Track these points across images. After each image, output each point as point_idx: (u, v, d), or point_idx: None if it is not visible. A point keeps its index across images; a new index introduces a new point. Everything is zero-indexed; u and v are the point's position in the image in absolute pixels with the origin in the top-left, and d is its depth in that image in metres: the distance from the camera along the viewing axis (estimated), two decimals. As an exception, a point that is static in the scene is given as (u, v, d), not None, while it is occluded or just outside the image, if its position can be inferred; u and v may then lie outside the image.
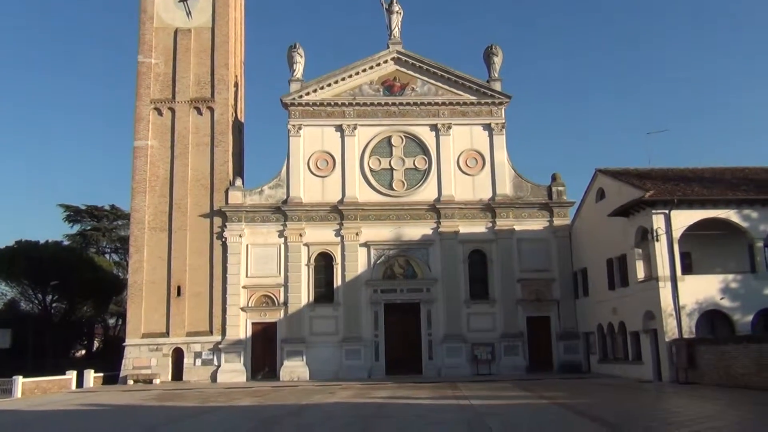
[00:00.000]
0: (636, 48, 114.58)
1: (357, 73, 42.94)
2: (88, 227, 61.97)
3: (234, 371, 38.90)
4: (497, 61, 43.55)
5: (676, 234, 30.78)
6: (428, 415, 19.66)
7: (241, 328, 39.69)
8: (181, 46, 43.34)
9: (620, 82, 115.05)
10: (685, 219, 30.97)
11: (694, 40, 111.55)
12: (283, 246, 40.82)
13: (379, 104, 42.69)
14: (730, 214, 31.20)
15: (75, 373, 37.68)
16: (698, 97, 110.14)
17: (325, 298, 40.61)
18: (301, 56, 43.32)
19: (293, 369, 38.89)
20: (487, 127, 42.76)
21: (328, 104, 42.57)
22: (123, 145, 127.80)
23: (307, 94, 42.54)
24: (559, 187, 42.19)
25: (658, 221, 30.94)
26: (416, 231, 41.14)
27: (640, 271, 32.62)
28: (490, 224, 41.39)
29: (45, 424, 21.25)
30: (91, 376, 38.64)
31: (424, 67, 43.15)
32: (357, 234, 40.89)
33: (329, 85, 42.74)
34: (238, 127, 45.34)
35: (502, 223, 41.26)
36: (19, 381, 32.91)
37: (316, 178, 41.90)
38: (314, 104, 42.55)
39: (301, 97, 42.43)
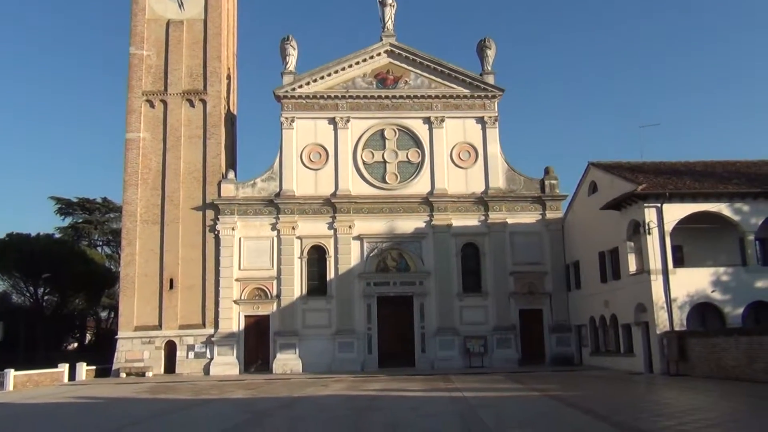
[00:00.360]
0: (630, 41, 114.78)
1: (350, 66, 42.85)
2: (80, 220, 61.74)
3: (227, 364, 38.90)
4: (490, 54, 43.53)
5: (668, 227, 30.90)
6: (421, 407, 19.71)
7: (233, 320, 39.68)
8: (174, 37, 43.11)
9: (613, 76, 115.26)
10: (676, 212, 31.09)
11: (688, 32, 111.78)
12: (275, 239, 40.78)
13: (372, 97, 42.62)
14: (722, 208, 31.35)
15: (67, 366, 37.61)
16: (692, 91, 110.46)
17: (318, 291, 40.61)
18: (294, 49, 43.18)
19: (286, 362, 38.91)
20: (480, 120, 42.78)
21: (321, 97, 42.48)
22: (115, 138, 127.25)
23: (300, 86, 42.43)
24: (552, 181, 42.28)
25: (650, 214, 31.06)
26: (409, 224, 41.17)
27: (632, 264, 32.75)
28: (483, 217, 41.46)
29: (37, 417, 21.19)
30: (83, 369, 38.59)
31: (418, 60, 43.09)
32: (350, 227, 40.87)
33: (322, 77, 42.64)
34: (230, 120, 45.18)
35: (494, 217, 41.33)
36: (11, 374, 32.81)
37: (309, 171, 41.83)
38: (307, 97, 42.44)
39: (294, 89, 42.31)
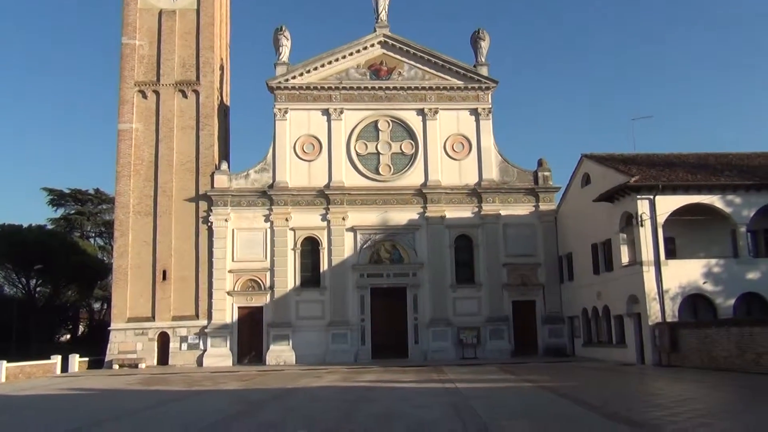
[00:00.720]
0: (624, 32, 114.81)
1: (344, 57, 42.71)
2: (72, 211, 61.45)
3: (220, 355, 38.90)
4: (484, 45, 43.48)
5: (661, 219, 31.00)
6: (414, 398, 19.77)
7: (227, 312, 39.65)
8: (166, 27, 42.86)
9: (607, 67, 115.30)
10: (669, 204, 31.18)
11: (682, 23, 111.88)
12: (269, 230, 40.73)
13: (365, 88, 42.52)
14: (714, 200, 31.47)
15: (60, 357, 37.54)
16: (684, 84, 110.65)
17: (312, 282, 40.62)
18: (288, 39, 43.00)
19: (280, 353, 38.94)
20: (474, 112, 42.75)
21: (315, 88, 42.35)
22: (107, 128, 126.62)
23: (294, 77, 42.28)
24: (545, 173, 42.34)
25: (642, 206, 31.14)
26: (403, 216, 41.18)
27: (625, 255, 32.87)
28: (477, 209, 41.50)
29: (29, 409, 21.15)
30: (76, 361, 38.52)
31: (411, 51, 42.98)
32: (343, 218, 40.85)
33: (315, 68, 42.49)
34: (223, 111, 45.00)
35: (488, 208, 41.38)
36: (3, 366, 32.67)
37: (302, 162, 41.75)
38: (300, 88, 42.30)
39: (287, 80, 42.16)
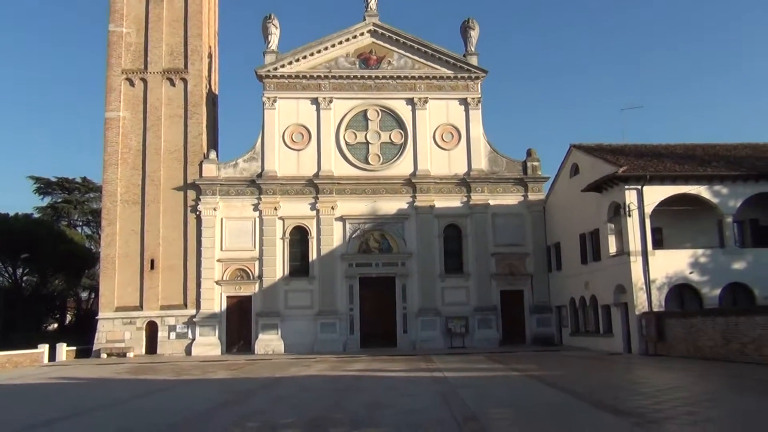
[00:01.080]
0: (614, 23, 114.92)
1: (333, 46, 42.53)
2: (59, 200, 60.97)
3: (209, 344, 38.87)
4: (474, 35, 43.41)
5: (648, 209, 31.18)
6: (402, 387, 19.83)
7: (215, 301, 39.59)
8: (154, 15, 42.48)
9: (596, 58, 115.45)
10: (657, 194, 31.36)
11: (671, 15, 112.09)
12: (258, 219, 40.63)
13: (355, 77, 42.38)
14: (701, 190, 31.67)
15: (47, 346, 37.36)
16: (673, 74, 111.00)
17: (301, 271, 40.60)
18: (277, 28, 42.74)
19: (268, 342, 38.95)
20: (464, 101, 42.73)
21: (304, 77, 42.16)
22: (94, 117, 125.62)
23: (282, 66, 42.06)
24: (534, 163, 42.43)
25: (630, 196, 31.30)
26: (392, 205, 41.16)
27: (612, 245, 33.06)
28: (465, 199, 41.56)
29: (16, 397, 21.08)
30: (63, 350, 38.38)
31: (401, 40, 42.84)
32: (332, 208, 40.80)
33: (305, 57, 42.29)
34: (212, 99, 44.74)
35: (477, 198, 41.45)
36: (-10, 355, 32.57)
37: (291, 152, 41.61)
38: (289, 77, 42.10)
39: (276, 69, 41.94)
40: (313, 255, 40.57)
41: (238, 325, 39.68)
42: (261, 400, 17.79)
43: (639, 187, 31.28)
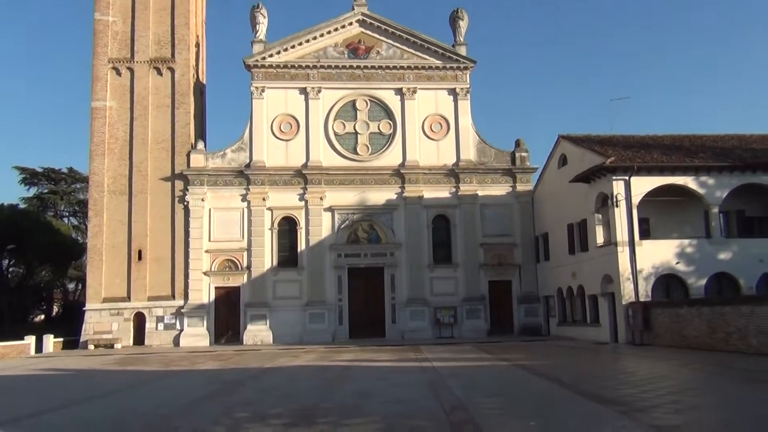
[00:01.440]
0: (602, 14, 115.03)
1: (321, 35, 42.34)
2: (45, 190, 60.47)
3: (197, 335, 38.80)
4: (463, 25, 43.34)
5: (635, 200, 31.33)
6: (391, 377, 19.90)
7: (204, 292, 39.49)
8: (140, 3, 42.09)
9: (585, 49, 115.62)
10: (644, 185, 31.51)
11: (659, 5, 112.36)
12: (246, 210, 40.50)
13: (343, 67, 42.24)
14: (688, 181, 31.89)
15: (34, 338, 37.17)
16: (661, 65, 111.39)
17: (289, 262, 40.56)
18: (265, 17, 42.47)
19: (257, 333, 38.93)
20: (452, 91, 42.70)
21: (292, 66, 41.96)
22: (81, 106, 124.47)
23: (271, 56, 41.83)
24: (523, 153, 42.52)
25: (618, 187, 31.44)
26: (380, 195, 41.15)
27: (600, 236, 33.24)
28: (454, 189, 41.61)
29: (3, 390, 20.96)
30: (50, 341, 38.16)
31: (390, 30, 42.71)
32: (321, 198, 40.74)
33: (293, 47, 42.08)
34: (199, 89, 44.44)
35: (465, 189, 41.50)
36: (-24, 346, 32.35)
37: (279, 142, 41.46)
38: (278, 66, 41.89)
39: (264, 58, 41.71)
40: (301, 245, 40.52)
41: (227, 315, 39.61)
42: (249, 390, 17.80)
43: (626, 178, 31.44)
